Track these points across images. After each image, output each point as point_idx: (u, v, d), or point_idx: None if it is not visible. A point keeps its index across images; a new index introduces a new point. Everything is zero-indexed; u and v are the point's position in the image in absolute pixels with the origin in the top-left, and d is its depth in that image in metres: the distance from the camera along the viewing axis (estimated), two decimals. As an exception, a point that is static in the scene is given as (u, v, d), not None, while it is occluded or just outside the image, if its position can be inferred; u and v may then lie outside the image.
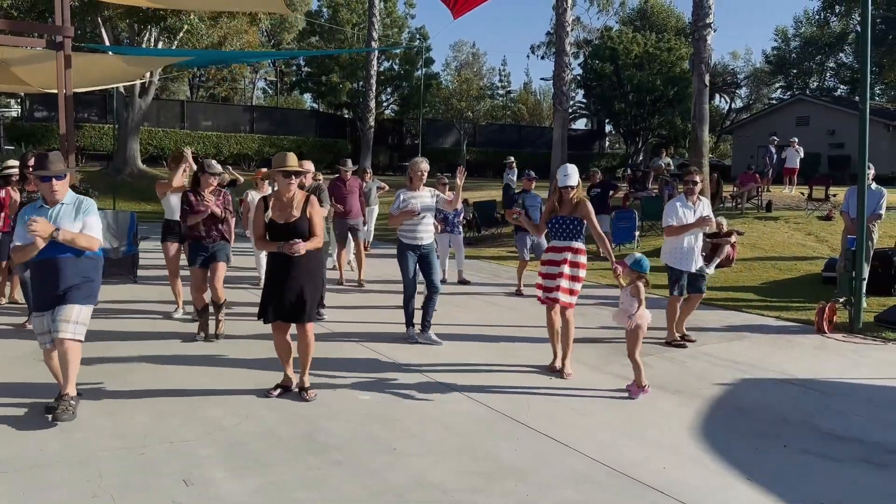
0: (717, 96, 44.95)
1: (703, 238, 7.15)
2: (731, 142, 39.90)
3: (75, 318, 4.32)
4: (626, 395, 5.14)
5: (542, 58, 50.05)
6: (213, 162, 6.60)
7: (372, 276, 10.01)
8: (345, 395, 5.02)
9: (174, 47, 22.38)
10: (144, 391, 4.98)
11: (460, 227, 10.32)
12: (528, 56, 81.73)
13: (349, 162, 9.89)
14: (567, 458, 4.07)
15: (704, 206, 6.78)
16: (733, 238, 11.20)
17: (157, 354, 5.94)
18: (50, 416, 4.27)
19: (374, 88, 24.15)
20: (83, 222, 4.40)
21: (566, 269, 5.57)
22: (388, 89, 37.65)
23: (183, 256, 7.08)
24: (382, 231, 14.86)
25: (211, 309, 6.58)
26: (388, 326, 7.21)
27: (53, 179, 4.34)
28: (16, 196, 6.96)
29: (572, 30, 17.11)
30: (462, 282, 10.01)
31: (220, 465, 3.84)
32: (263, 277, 9.13)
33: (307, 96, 46.35)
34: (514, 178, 17.18)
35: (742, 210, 15.47)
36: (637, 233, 13.15)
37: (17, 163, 7.19)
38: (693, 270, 6.69)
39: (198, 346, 6.29)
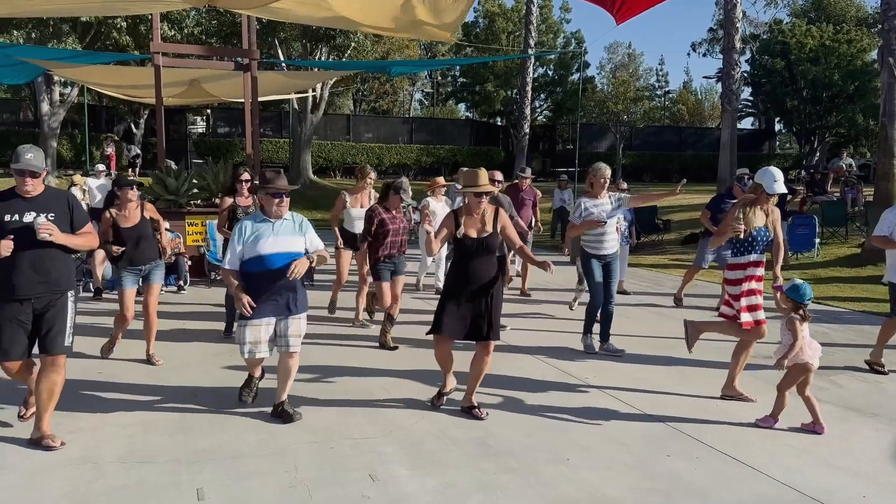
0: (907, 89, 40.55)
1: None
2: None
3: (301, 331, 4.60)
4: (810, 424, 4.65)
5: (704, 55, 47.76)
6: (407, 185, 6.68)
7: (531, 283, 9.98)
8: (516, 404, 5.06)
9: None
10: (327, 389, 5.31)
11: (629, 237, 9.80)
12: (688, 54, 78.44)
13: (529, 170, 9.86)
14: (752, 482, 3.86)
15: None
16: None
17: (336, 355, 6.31)
18: (282, 420, 4.55)
19: (529, 95, 24.17)
20: (307, 238, 4.62)
21: (761, 286, 5.13)
22: (542, 95, 37.57)
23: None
24: (536, 238, 14.81)
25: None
26: (555, 336, 7.18)
27: (284, 196, 4.52)
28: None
29: (740, 25, 16.17)
30: (620, 291, 9.38)
31: (401, 463, 4.01)
32: (421, 282, 9.46)
33: (461, 106, 47.35)
34: (568, 199, 15.70)
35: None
36: (817, 240, 12.20)
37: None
38: None
39: (374, 349, 6.59)
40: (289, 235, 4.53)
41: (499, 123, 38.86)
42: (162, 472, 3.84)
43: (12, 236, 3.95)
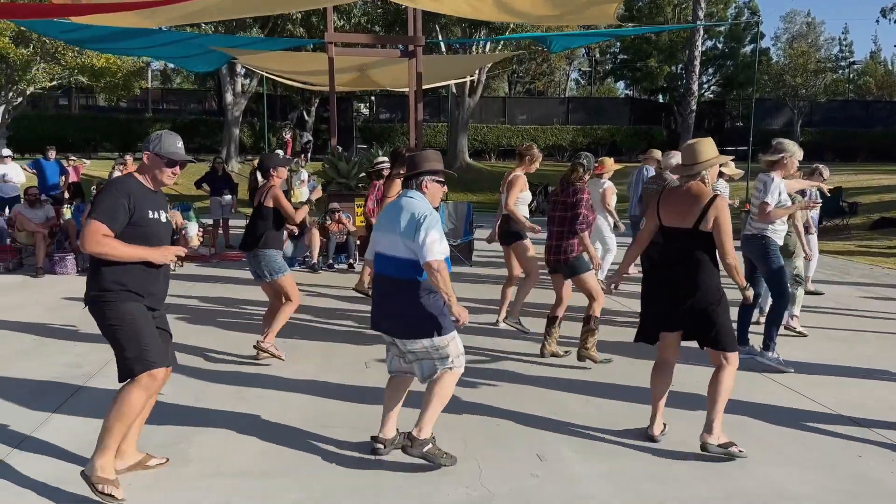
0: None
1: None
2: None
3: None
4: None
5: (897, 21, 42.99)
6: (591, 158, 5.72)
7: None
8: (691, 399, 4.85)
9: (499, 44, 23.77)
10: (492, 374, 5.38)
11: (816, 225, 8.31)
12: (876, 21, 69.97)
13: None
14: (963, 492, 3.48)
15: None
16: None
17: (494, 338, 6.37)
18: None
19: (697, 70, 22.94)
20: None
21: None
22: (710, 69, 35.54)
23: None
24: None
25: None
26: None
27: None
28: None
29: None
30: (810, 292, 7.97)
31: (567, 445, 4.01)
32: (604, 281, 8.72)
33: (620, 84, 45.85)
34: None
35: None
36: None
37: (385, 158, 7.97)
38: None
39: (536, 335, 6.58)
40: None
41: (660, 101, 37.26)
42: (341, 435, 4.09)
43: (179, 235, 3.68)
